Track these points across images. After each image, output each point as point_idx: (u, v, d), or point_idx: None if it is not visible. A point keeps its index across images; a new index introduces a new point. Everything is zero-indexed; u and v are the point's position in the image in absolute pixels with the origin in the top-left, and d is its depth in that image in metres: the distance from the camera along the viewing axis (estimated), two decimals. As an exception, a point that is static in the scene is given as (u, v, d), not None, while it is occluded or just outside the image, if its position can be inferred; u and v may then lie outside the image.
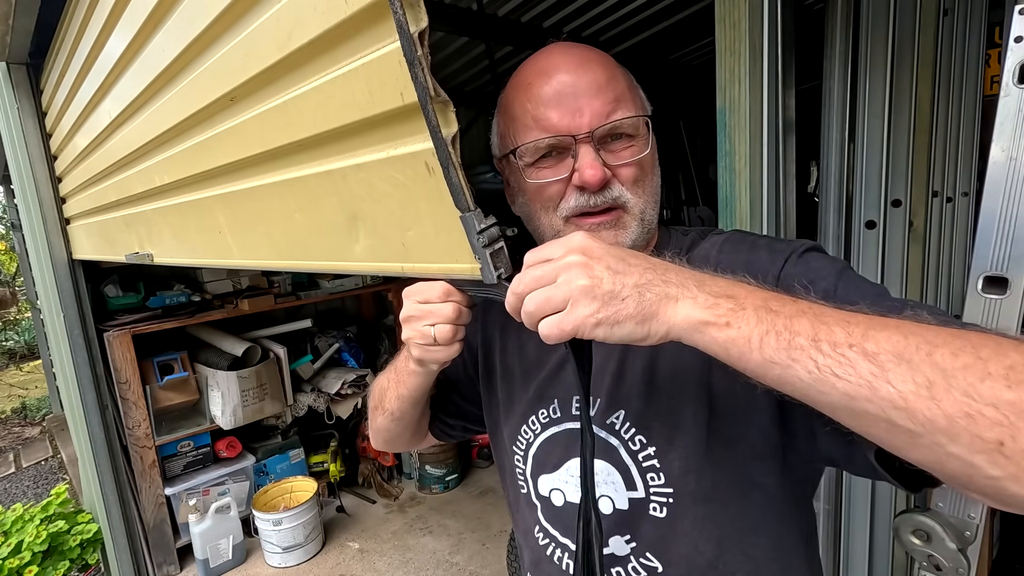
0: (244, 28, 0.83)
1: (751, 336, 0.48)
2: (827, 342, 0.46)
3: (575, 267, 0.51)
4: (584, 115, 0.68)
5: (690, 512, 0.70)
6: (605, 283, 0.51)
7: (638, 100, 0.73)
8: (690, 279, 0.52)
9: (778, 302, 0.50)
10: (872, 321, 0.47)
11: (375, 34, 0.57)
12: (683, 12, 3.09)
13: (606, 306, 0.50)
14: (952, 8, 1.38)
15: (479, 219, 0.55)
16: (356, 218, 0.72)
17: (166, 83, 1.22)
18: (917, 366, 0.43)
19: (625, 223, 0.73)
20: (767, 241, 0.71)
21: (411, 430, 0.96)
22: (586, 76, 0.69)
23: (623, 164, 0.71)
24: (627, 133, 0.71)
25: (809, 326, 0.47)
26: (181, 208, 1.35)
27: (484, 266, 0.57)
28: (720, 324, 0.50)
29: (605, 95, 0.69)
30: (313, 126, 0.73)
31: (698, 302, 0.51)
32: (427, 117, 0.52)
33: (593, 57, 0.71)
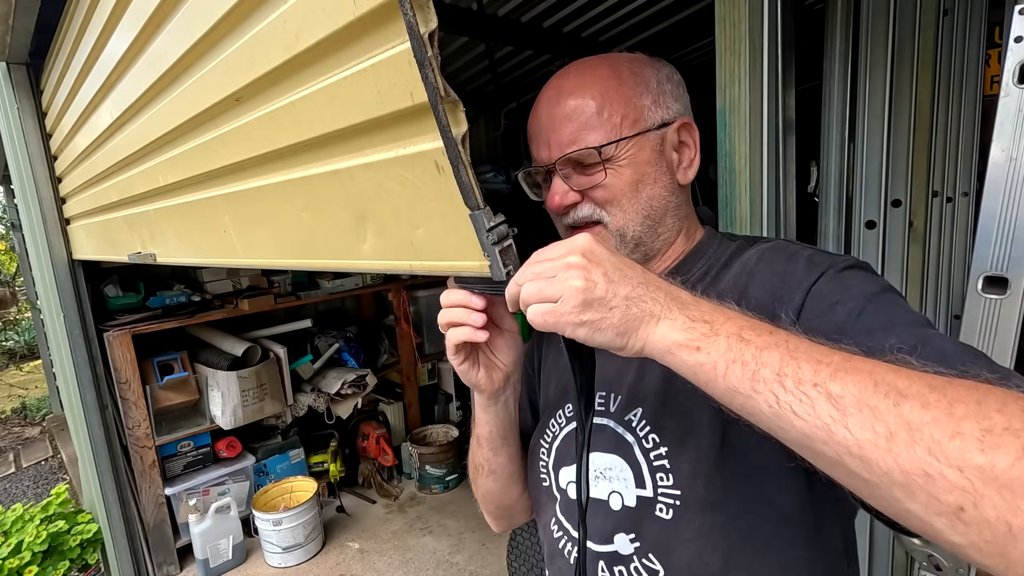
0: (249, 29, 0.83)
1: (717, 362, 0.50)
2: (791, 378, 0.47)
3: (574, 268, 0.54)
4: (551, 148, 0.77)
5: (696, 519, 0.69)
6: (598, 289, 0.53)
7: (609, 124, 0.74)
8: (675, 301, 0.54)
9: (753, 331, 0.51)
10: (847, 362, 0.47)
11: (384, 35, 0.57)
12: (683, 12, 3.10)
13: (594, 311, 0.53)
14: (952, 8, 1.38)
15: (488, 217, 0.56)
16: (364, 217, 0.73)
17: (169, 83, 1.22)
18: (881, 415, 0.43)
19: (603, 239, 0.78)
20: (810, 253, 0.70)
21: (512, 482, 0.94)
22: (555, 110, 0.76)
23: (591, 187, 0.76)
24: (588, 162, 0.75)
25: (778, 359, 0.48)
26: (185, 208, 1.35)
27: (493, 263, 0.58)
28: (691, 347, 0.51)
29: (566, 128, 0.75)
30: (320, 126, 0.73)
31: (676, 324, 0.53)
32: (437, 117, 0.52)
33: (568, 86, 0.77)
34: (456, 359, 0.74)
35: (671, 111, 0.78)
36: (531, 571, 2.39)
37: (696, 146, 0.80)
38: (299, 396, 3.37)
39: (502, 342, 0.76)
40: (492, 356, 0.76)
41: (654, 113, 0.76)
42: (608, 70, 0.76)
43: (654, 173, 0.76)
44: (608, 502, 0.77)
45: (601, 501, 0.77)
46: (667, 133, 0.78)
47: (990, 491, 0.38)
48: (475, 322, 0.68)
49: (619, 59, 0.79)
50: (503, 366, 0.77)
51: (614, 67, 0.77)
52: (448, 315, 0.70)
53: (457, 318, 0.68)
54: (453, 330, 0.69)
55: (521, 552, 2.42)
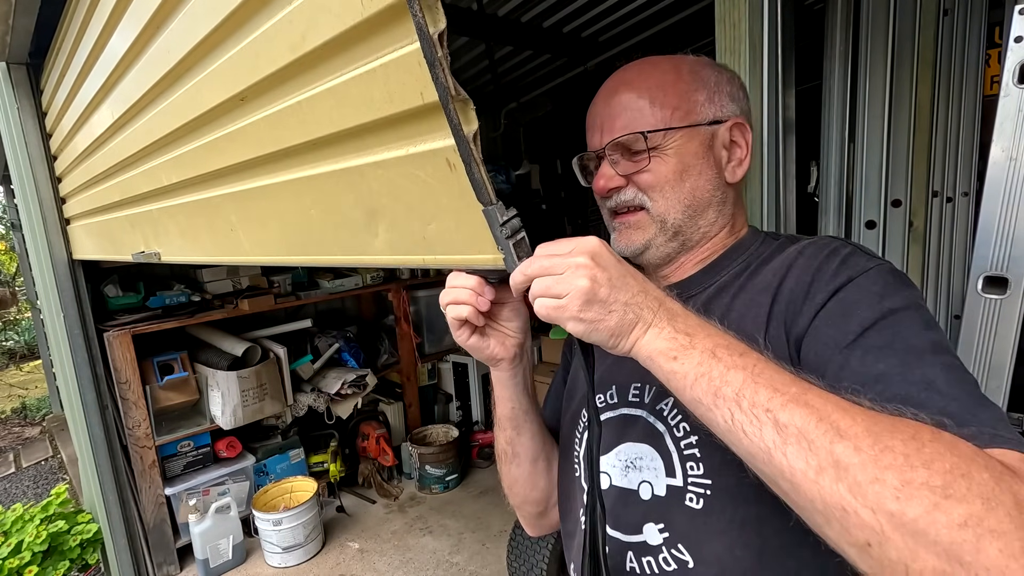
0: (254, 29, 0.83)
1: (688, 373, 0.55)
2: (748, 400, 0.51)
3: (582, 268, 0.57)
4: (602, 134, 0.82)
5: (728, 510, 0.69)
6: (601, 291, 0.57)
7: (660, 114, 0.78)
8: (666, 312, 0.58)
9: (727, 351, 0.55)
10: (803, 395, 0.50)
11: (392, 35, 0.58)
12: (683, 12, 3.10)
13: (594, 312, 0.57)
14: (952, 8, 1.39)
15: (501, 212, 0.57)
16: (375, 213, 0.73)
17: (172, 83, 1.21)
18: (816, 449, 0.47)
19: (643, 224, 0.82)
20: (848, 252, 0.70)
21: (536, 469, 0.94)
22: (612, 100, 0.81)
23: (635, 172, 0.80)
24: (635, 148, 0.79)
25: (740, 380, 0.52)
26: (189, 207, 1.35)
27: (507, 256, 0.59)
28: (669, 356, 0.56)
29: (621, 117, 0.80)
30: (328, 125, 0.73)
31: (662, 334, 0.57)
32: (448, 116, 0.53)
33: (628, 78, 0.81)
34: (462, 335, 0.75)
35: (726, 110, 0.81)
36: (531, 571, 2.39)
37: (748, 147, 0.82)
38: (299, 396, 3.37)
39: (507, 311, 0.77)
40: (500, 325, 0.78)
41: (707, 109, 0.80)
42: (668, 65, 0.81)
43: (699, 166, 0.79)
44: (638, 492, 0.77)
45: (631, 491, 0.78)
46: (718, 130, 0.80)
47: (896, 535, 0.43)
48: (480, 305, 0.69)
49: (683, 59, 0.82)
50: (513, 333, 0.78)
51: (675, 64, 0.81)
52: (452, 294, 0.71)
53: (463, 298, 0.70)
54: (453, 306, 0.71)
55: (521, 552, 2.42)
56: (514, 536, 2.47)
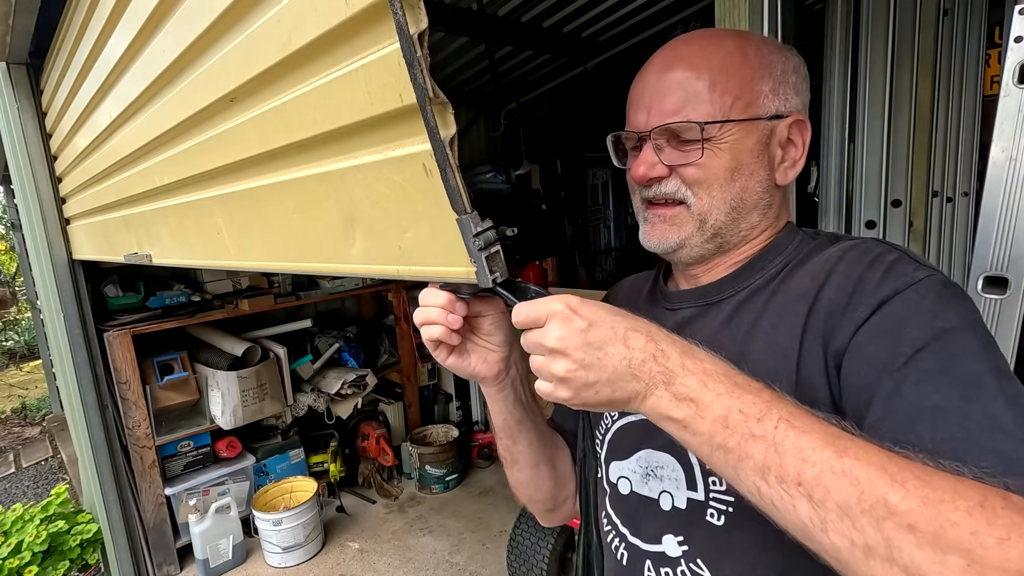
0: (244, 29, 0.83)
1: (702, 446, 0.52)
2: (774, 474, 0.47)
3: (556, 354, 0.55)
4: (650, 114, 0.72)
5: (750, 528, 0.66)
6: (579, 376, 0.55)
7: (720, 102, 0.69)
8: (661, 375, 0.54)
9: (741, 417, 0.50)
10: (836, 461, 0.45)
11: (375, 35, 0.57)
12: (683, 12, 3.09)
13: (580, 394, 0.56)
14: (952, 8, 1.38)
15: (475, 222, 0.55)
16: (353, 220, 0.72)
17: (166, 83, 1.21)
18: (861, 528, 0.42)
19: (680, 220, 0.74)
20: (894, 259, 0.63)
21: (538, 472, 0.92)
22: (665, 76, 0.71)
23: (683, 164, 0.71)
24: (687, 137, 0.70)
25: (762, 452, 0.48)
26: (180, 209, 1.35)
27: (480, 269, 0.57)
28: (679, 425, 0.53)
29: (673, 96, 0.70)
30: (312, 127, 0.73)
31: (661, 402, 0.54)
32: (425, 119, 0.52)
33: (687, 53, 0.71)
34: (440, 355, 0.72)
35: (789, 104, 0.72)
36: (531, 571, 2.38)
37: (805, 147, 0.74)
38: (299, 396, 3.37)
39: (488, 324, 0.74)
40: (481, 340, 0.74)
41: (770, 102, 0.71)
42: (734, 44, 0.71)
43: (753, 165, 0.71)
44: (658, 501, 0.75)
45: (651, 500, 0.76)
46: (778, 126, 0.72)
47: None
48: (451, 323, 0.67)
49: (749, 37, 0.74)
50: (496, 347, 0.74)
51: (741, 43, 0.71)
52: (423, 314, 0.69)
53: (433, 318, 0.68)
54: (427, 327, 0.69)
55: (521, 552, 2.42)
56: (514, 536, 2.47)
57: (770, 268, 0.74)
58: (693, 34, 0.74)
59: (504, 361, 0.76)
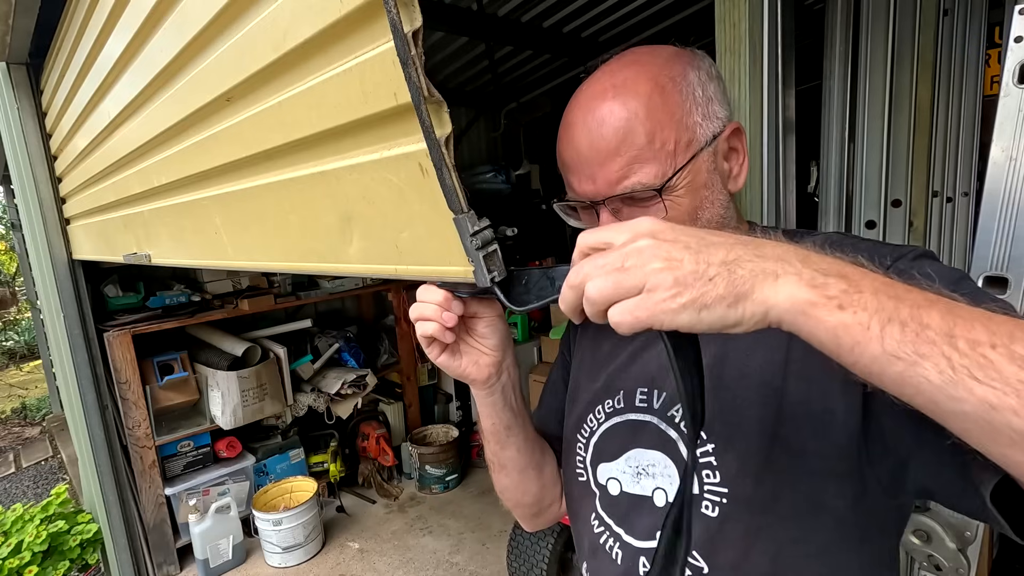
0: (240, 28, 0.83)
1: (869, 323, 0.40)
2: (964, 339, 0.38)
3: (647, 250, 0.45)
4: (597, 183, 0.69)
5: (744, 518, 0.67)
6: (687, 263, 0.43)
7: (663, 153, 0.66)
8: (791, 253, 0.44)
9: (901, 288, 0.41)
10: (1012, 321, 0.39)
11: (369, 34, 0.57)
12: (683, 12, 3.09)
13: (690, 288, 0.43)
14: (952, 8, 1.37)
15: (472, 221, 0.55)
16: (350, 219, 0.72)
17: (164, 83, 1.21)
18: None
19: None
20: (870, 244, 0.66)
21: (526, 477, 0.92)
22: (599, 140, 0.67)
23: None
24: (643, 197, 0.68)
25: (940, 319, 0.39)
26: (178, 209, 1.35)
27: (477, 268, 0.57)
28: (831, 306, 0.41)
29: (615, 162, 0.67)
30: (308, 126, 0.73)
31: (803, 279, 0.42)
32: (420, 118, 0.51)
33: (611, 112, 0.67)
34: (432, 352, 0.72)
35: (719, 119, 0.71)
36: (531, 571, 2.38)
37: (745, 149, 0.73)
38: (299, 396, 3.37)
39: (483, 327, 0.73)
40: (475, 342, 0.74)
41: (705, 129, 0.69)
42: (649, 86, 0.67)
43: (711, 195, 0.70)
44: (652, 498, 0.76)
45: (644, 497, 0.77)
46: (718, 144, 0.71)
47: None
48: (446, 321, 0.67)
49: (656, 68, 0.68)
50: (489, 351, 0.74)
51: (655, 80, 0.67)
52: (419, 310, 0.69)
53: (428, 314, 0.67)
54: (421, 323, 0.69)
55: (521, 552, 2.42)
56: (514, 536, 2.47)
57: None
58: (603, 84, 0.69)
59: (496, 365, 0.75)
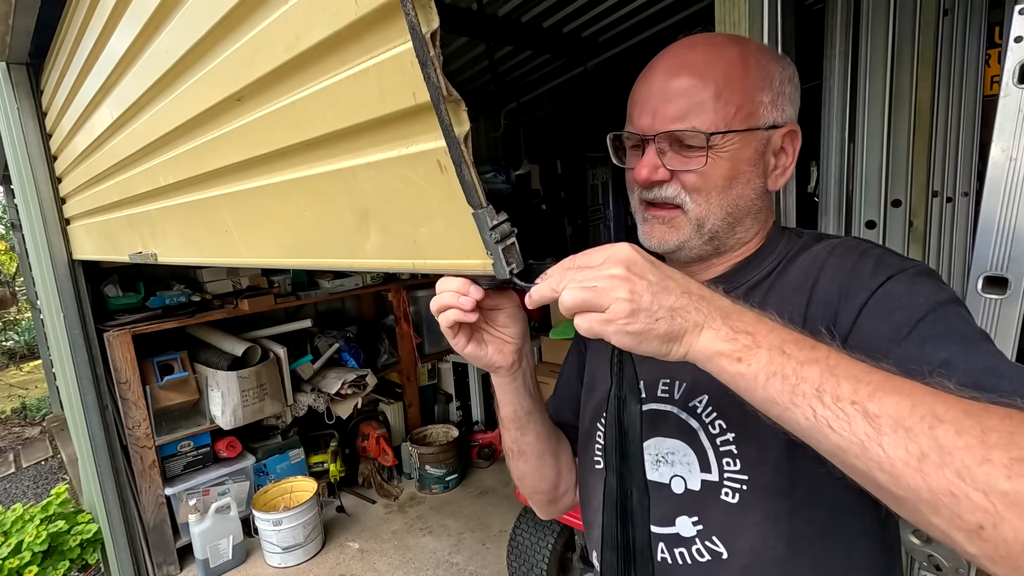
0: (250, 29, 0.83)
1: (758, 374, 0.52)
2: (830, 394, 0.49)
3: (618, 279, 0.54)
4: (656, 117, 0.74)
5: (763, 504, 0.71)
6: (644, 300, 0.54)
7: (724, 112, 0.72)
8: (718, 311, 0.56)
9: (795, 346, 0.53)
10: (887, 382, 0.49)
11: (386, 35, 0.57)
12: (683, 12, 3.10)
13: (640, 322, 0.54)
14: (952, 8, 1.38)
15: (491, 215, 0.56)
16: (367, 215, 0.73)
17: (170, 83, 1.22)
18: (915, 436, 0.45)
19: (678, 224, 0.77)
20: (880, 253, 0.70)
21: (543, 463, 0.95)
22: (671, 81, 0.74)
23: (684, 170, 0.74)
24: (690, 143, 0.73)
25: (818, 375, 0.50)
26: (186, 207, 1.35)
27: (496, 261, 0.58)
28: (733, 358, 0.54)
29: (678, 103, 0.72)
30: (322, 126, 0.73)
31: (719, 335, 0.54)
32: (440, 116, 0.52)
33: (693, 60, 0.73)
34: (458, 343, 0.74)
35: (784, 115, 0.76)
36: (531, 571, 2.39)
37: (794, 155, 0.78)
38: (299, 396, 3.38)
39: (504, 317, 0.76)
40: (498, 332, 0.77)
41: (768, 113, 0.74)
42: (737, 54, 0.73)
43: (749, 173, 0.75)
44: (670, 485, 0.78)
45: (662, 484, 0.78)
46: (773, 136, 0.76)
47: (1011, 515, 0.41)
48: (464, 305, 0.68)
49: (748, 46, 0.76)
50: (511, 339, 0.77)
51: (743, 53, 0.74)
52: (437, 301, 0.70)
53: (447, 302, 0.69)
54: (443, 314, 0.70)
55: (521, 552, 2.42)
56: (514, 536, 2.47)
57: (765, 265, 0.79)
58: (698, 40, 0.76)
59: (518, 352, 0.79)
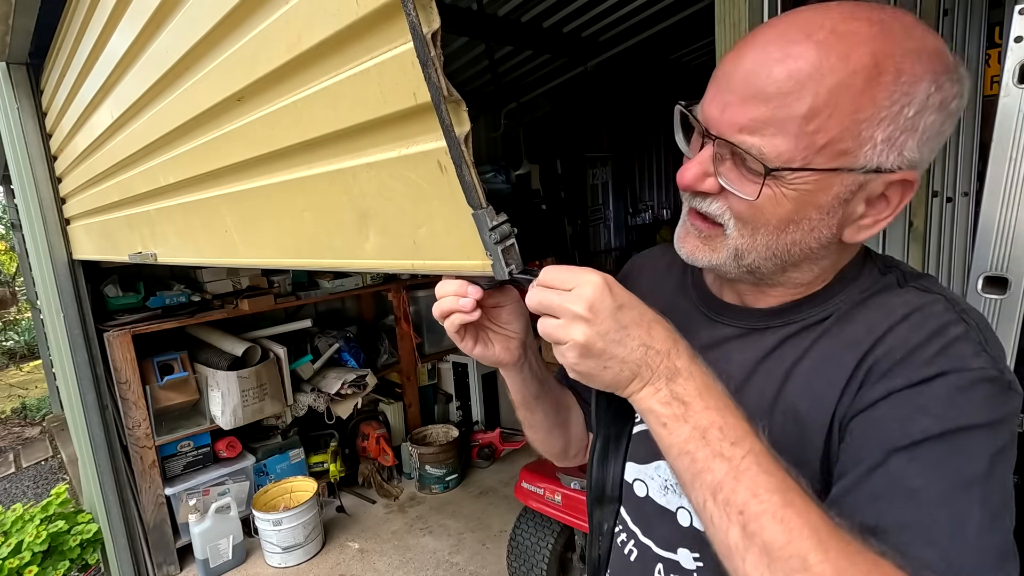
0: (251, 29, 0.83)
1: (674, 444, 0.55)
2: (724, 496, 0.51)
3: (577, 319, 0.55)
4: (723, 114, 0.59)
5: None
6: (597, 346, 0.55)
7: (807, 140, 0.55)
8: (667, 371, 0.56)
9: (719, 434, 0.53)
10: (782, 508, 0.49)
11: (387, 35, 0.58)
12: (683, 12, 3.11)
13: (587, 365, 0.57)
14: (952, 8, 1.38)
15: (491, 216, 0.56)
16: (366, 216, 0.73)
17: (170, 83, 1.22)
18: (775, 571, 0.47)
19: (715, 245, 0.65)
20: (958, 334, 0.56)
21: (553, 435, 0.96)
22: (762, 71, 0.55)
23: (729, 191, 0.61)
24: (750, 164, 0.58)
25: (722, 473, 0.52)
26: (186, 208, 1.35)
27: (496, 262, 0.59)
28: (659, 421, 0.56)
29: (756, 107, 0.56)
30: (323, 126, 0.73)
31: (657, 396, 0.56)
32: (440, 117, 0.52)
33: (803, 55, 0.54)
34: (466, 344, 0.74)
35: (901, 157, 0.56)
36: (531, 571, 2.39)
37: (898, 208, 0.60)
38: (299, 396, 3.37)
39: (506, 314, 0.75)
40: (502, 329, 0.77)
41: (877, 153, 0.55)
42: (865, 60, 0.52)
43: (816, 220, 0.59)
44: (676, 515, 0.76)
45: (668, 511, 0.77)
46: (872, 181, 0.57)
47: None
48: (464, 307, 0.68)
49: (894, 47, 0.53)
50: (515, 334, 0.77)
51: (877, 59, 0.52)
52: (438, 307, 0.70)
53: (448, 306, 0.69)
54: (447, 320, 0.70)
55: (521, 552, 2.42)
56: (514, 536, 2.47)
57: (828, 306, 0.66)
58: (824, 21, 0.54)
59: (523, 346, 0.79)
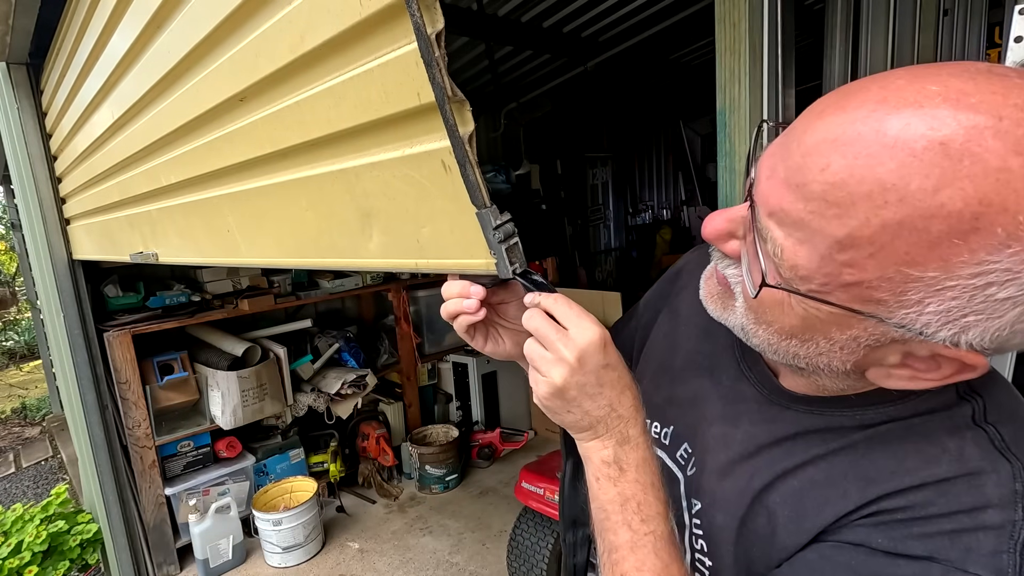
0: (254, 29, 0.83)
1: (596, 497, 0.62)
2: (616, 556, 0.59)
3: (563, 363, 0.58)
4: (764, 183, 0.48)
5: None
6: (570, 392, 0.59)
7: (832, 265, 0.43)
8: (619, 435, 0.61)
9: (636, 506, 0.59)
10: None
11: (390, 35, 0.58)
12: (683, 12, 3.11)
13: (557, 404, 0.61)
14: (952, 8, 1.38)
15: (495, 215, 0.56)
16: (369, 216, 0.73)
17: (172, 83, 1.22)
18: None
19: (727, 306, 0.59)
20: (996, 522, 0.47)
21: None
22: (820, 159, 0.43)
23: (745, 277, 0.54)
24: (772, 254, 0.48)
25: (622, 542, 0.59)
26: (187, 207, 1.35)
27: (500, 261, 0.59)
28: (594, 475, 0.62)
29: (796, 201, 0.44)
30: (326, 126, 0.74)
31: (603, 452, 0.61)
32: (444, 117, 0.53)
33: (867, 158, 0.40)
34: (477, 342, 0.74)
35: (961, 339, 0.42)
36: (531, 571, 2.39)
37: (947, 380, 0.47)
38: (299, 396, 3.37)
39: (514, 309, 0.75)
40: (511, 324, 0.76)
41: (919, 319, 0.43)
42: (960, 205, 0.38)
43: (825, 349, 0.50)
44: None
45: None
46: (913, 342, 0.45)
47: None
48: (468, 308, 0.68)
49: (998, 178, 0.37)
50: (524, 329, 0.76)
51: (983, 208, 0.37)
52: (444, 309, 0.71)
53: (453, 308, 0.69)
54: (456, 320, 0.70)
55: (521, 552, 2.43)
56: (514, 536, 2.47)
57: (864, 414, 0.57)
58: (945, 123, 0.39)
59: None
